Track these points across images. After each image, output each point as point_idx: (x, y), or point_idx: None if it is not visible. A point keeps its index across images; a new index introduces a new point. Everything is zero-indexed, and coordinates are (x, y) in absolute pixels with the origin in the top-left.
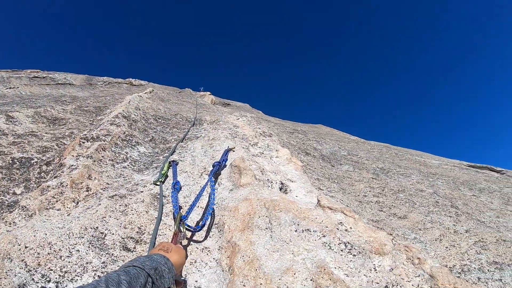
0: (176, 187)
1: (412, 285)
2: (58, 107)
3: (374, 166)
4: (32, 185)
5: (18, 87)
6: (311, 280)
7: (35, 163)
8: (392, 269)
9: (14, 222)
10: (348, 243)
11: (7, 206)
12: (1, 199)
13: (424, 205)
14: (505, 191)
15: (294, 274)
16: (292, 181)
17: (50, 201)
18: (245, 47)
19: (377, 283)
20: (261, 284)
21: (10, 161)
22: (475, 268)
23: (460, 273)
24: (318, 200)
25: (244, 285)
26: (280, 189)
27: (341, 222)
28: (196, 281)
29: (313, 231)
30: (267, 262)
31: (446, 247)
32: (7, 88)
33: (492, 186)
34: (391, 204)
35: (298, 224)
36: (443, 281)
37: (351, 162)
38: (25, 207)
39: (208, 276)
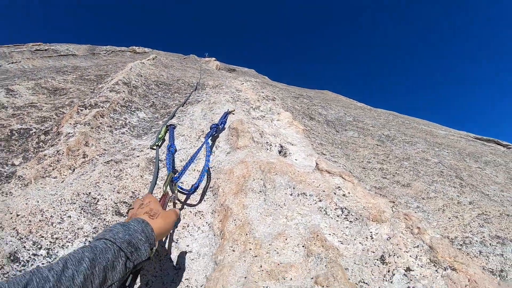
0: (171, 149)
1: (410, 256)
2: (59, 78)
3: (379, 133)
4: (31, 155)
5: (20, 61)
6: (303, 246)
7: (33, 134)
8: (390, 238)
9: (10, 193)
10: (345, 208)
11: (6, 177)
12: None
13: (429, 174)
14: (511, 165)
15: (286, 239)
16: (292, 144)
17: (47, 170)
18: (251, 11)
19: (373, 252)
20: (250, 249)
21: (9, 133)
22: (477, 241)
23: (461, 245)
24: (317, 164)
25: (233, 250)
26: (280, 152)
27: (339, 187)
28: (188, 246)
29: (309, 195)
30: (258, 227)
31: (449, 218)
32: (9, 63)
33: (498, 160)
34: (395, 172)
35: (293, 188)
36: (443, 254)
37: (356, 128)
38: (22, 176)
39: (200, 240)
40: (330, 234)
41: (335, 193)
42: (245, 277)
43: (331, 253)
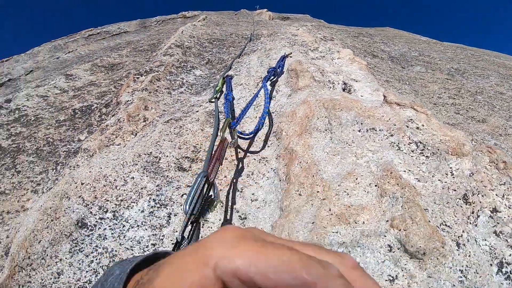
0: (228, 97)
1: (496, 194)
2: (114, 54)
3: (448, 67)
4: (95, 128)
5: (76, 49)
6: (375, 185)
7: (95, 109)
8: (472, 174)
9: (77, 165)
10: (420, 142)
11: (73, 153)
12: (67, 148)
13: (505, 109)
14: None
15: (356, 179)
16: (356, 81)
17: (110, 138)
18: None
19: (454, 190)
20: (317, 192)
21: (72, 113)
22: None
23: None
24: (384, 96)
25: (299, 194)
26: (343, 89)
27: (411, 119)
28: (253, 194)
29: (379, 130)
30: (326, 167)
31: None
32: (66, 54)
33: None
34: (468, 107)
35: (361, 123)
36: None
37: (423, 63)
38: (87, 149)
39: (266, 187)
40: (405, 171)
41: (407, 126)
42: (312, 223)
43: (407, 192)
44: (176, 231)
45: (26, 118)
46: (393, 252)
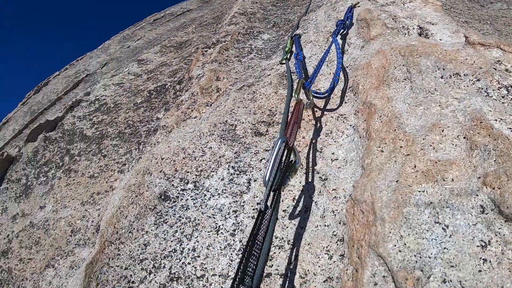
0: (299, 57)
1: None
2: (180, 33)
3: None
4: (171, 105)
5: (144, 36)
6: (464, 137)
7: (169, 87)
8: None
9: (157, 142)
10: (511, 86)
11: (153, 131)
12: (147, 128)
13: None
14: None
15: (442, 131)
16: (433, 24)
17: (186, 113)
18: None
19: None
20: (401, 147)
21: (148, 94)
22: None
23: None
24: (466, 37)
25: (381, 151)
26: (420, 34)
27: (498, 61)
28: (333, 153)
29: (464, 75)
30: (408, 120)
31: None
32: (135, 42)
33: None
34: None
35: (443, 69)
36: None
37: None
38: (165, 126)
39: (346, 146)
40: (496, 120)
41: (495, 69)
42: (396, 181)
43: (501, 144)
44: (257, 197)
45: (106, 106)
46: (486, 213)
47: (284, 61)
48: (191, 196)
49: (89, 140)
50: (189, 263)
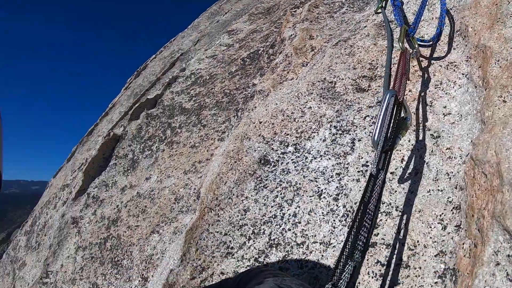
0: (396, 3)
1: None
2: None
3: None
4: (265, 70)
5: (231, 8)
6: None
7: (262, 52)
8: None
9: (254, 107)
10: None
11: (250, 97)
12: (244, 94)
13: None
14: None
15: None
16: None
17: (281, 75)
18: None
19: None
20: None
21: (241, 62)
22: None
23: None
24: None
25: (504, 101)
26: None
27: None
28: (445, 107)
29: None
30: None
31: None
32: (223, 16)
33: None
34: None
35: None
36: None
37: None
38: (261, 90)
39: (459, 97)
40: None
41: None
42: None
43: None
44: (362, 158)
45: (202, 78)
46: None
47: (379, 10)
48: (292, 159)
49: (189, 112)
50: (289, 229)
